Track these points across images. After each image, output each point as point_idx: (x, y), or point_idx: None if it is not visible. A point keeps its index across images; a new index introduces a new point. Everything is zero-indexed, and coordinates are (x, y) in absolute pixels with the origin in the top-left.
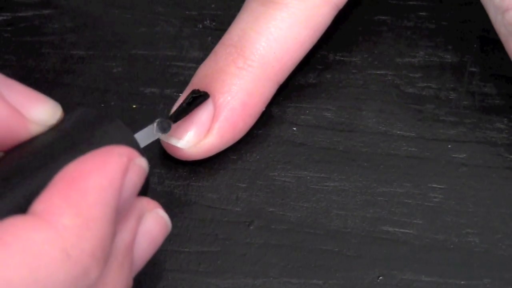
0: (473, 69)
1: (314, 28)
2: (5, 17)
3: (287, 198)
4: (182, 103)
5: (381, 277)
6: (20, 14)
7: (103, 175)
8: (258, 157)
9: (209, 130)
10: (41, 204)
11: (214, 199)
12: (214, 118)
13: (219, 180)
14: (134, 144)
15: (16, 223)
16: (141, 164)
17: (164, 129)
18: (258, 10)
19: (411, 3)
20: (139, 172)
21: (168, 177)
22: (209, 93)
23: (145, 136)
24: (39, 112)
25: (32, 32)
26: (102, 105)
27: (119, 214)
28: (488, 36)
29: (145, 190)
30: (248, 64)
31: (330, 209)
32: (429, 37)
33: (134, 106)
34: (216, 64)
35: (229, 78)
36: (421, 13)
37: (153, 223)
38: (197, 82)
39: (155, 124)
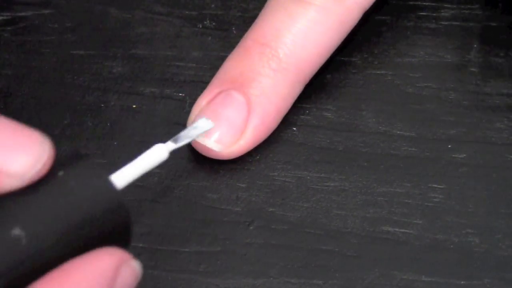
0: (473, 69)
1: (343, 33)
2: (5, 17)
3: (287, 198)
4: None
5: (381, 277)
6: (20, 14)
7: (95, 272)
8: (258, 157)
9: (243, 132)
10: None
11: (214, 199)
12: (248, 119)
13: (219, 180)
14: (119, 206)
15: None
16: (134, 268)
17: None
18: (294, 10)
19: (411, 3)
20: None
21: (168, 177)
22: (242, 93)
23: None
24: (16, 163)
25: (32, 32)
26: (102, 105)
27: None
28: (488, 36)
29: (126, 242)
30: (283, 67)
31: (330, 209)
32: (429, 37)
33: (134, 106)
34: (251, 63)
35: (264, 81)
36: (421, 13)
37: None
38: (230, 79)
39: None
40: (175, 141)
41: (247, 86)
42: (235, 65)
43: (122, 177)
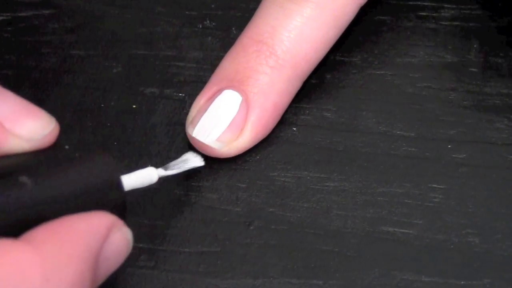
0: (473, 69)
1: (340, 27)
2: (5, 17)
3: (287, 198)
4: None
5: (381, 277)
6: (20, 14)
7: (89, 226)
8: (258, 157)
9: (242, 129)
10: (30, 233)
11: (214, 199)
12: (247, 117)
13: (219, 180)
14: (117, 185)
15: (6, 242)
16: (126, 234)
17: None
18: (289, 7)
19: (411, 3)
20: (122, 239)
21: (168, 177)
22: (240, 91)
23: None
24: (25, 127)
25: (32, 32)
26: (102, 105)
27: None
28: (488, 36)
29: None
30: (280, 64)
31: (330, 209)
32: (429, 37)
33: (134, 106)
34: (247, 61)
35: (262, 78)
36: (421, 13)
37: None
38: (227, 77)
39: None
40: (165, 169)
41: (244, 84)
42: (232, 63)
43: None
